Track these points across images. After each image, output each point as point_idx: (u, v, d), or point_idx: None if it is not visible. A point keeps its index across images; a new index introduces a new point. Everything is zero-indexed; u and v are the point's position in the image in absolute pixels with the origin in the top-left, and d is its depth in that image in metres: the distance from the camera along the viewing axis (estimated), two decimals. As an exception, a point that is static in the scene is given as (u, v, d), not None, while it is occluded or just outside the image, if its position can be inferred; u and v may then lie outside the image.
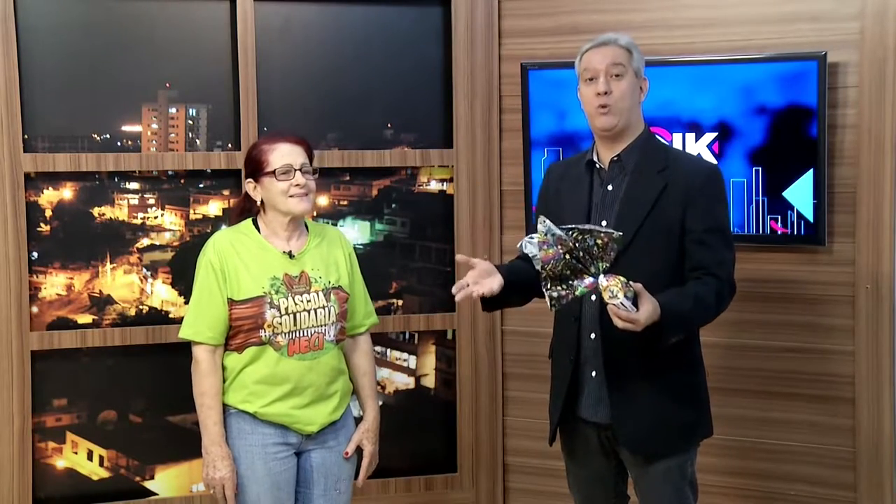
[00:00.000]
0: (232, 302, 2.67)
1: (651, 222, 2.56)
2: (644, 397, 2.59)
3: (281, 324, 2.66)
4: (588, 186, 2.68)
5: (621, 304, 2.36)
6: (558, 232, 2.39)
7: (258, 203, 2.74)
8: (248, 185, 2.74)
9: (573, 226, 2.41)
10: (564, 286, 2.41)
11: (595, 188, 2.67)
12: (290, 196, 2.69)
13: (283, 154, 2.70)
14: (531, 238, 2.42)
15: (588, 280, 2.40)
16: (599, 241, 2.38)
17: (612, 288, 2.37)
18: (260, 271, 2.69)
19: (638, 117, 2.66)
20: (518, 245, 2.46)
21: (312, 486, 2.79)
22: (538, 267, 2.42)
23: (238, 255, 2.70)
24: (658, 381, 2.59)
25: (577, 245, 2.39)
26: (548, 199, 2.79)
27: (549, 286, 2.41)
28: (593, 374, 2.64)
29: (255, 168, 2.72)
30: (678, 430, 2.63)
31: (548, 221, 2.41)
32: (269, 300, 2.66)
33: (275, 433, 2.70)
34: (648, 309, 2.40)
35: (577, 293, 2.42)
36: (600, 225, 2.60)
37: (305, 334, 2.70)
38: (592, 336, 2.62)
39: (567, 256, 2.39)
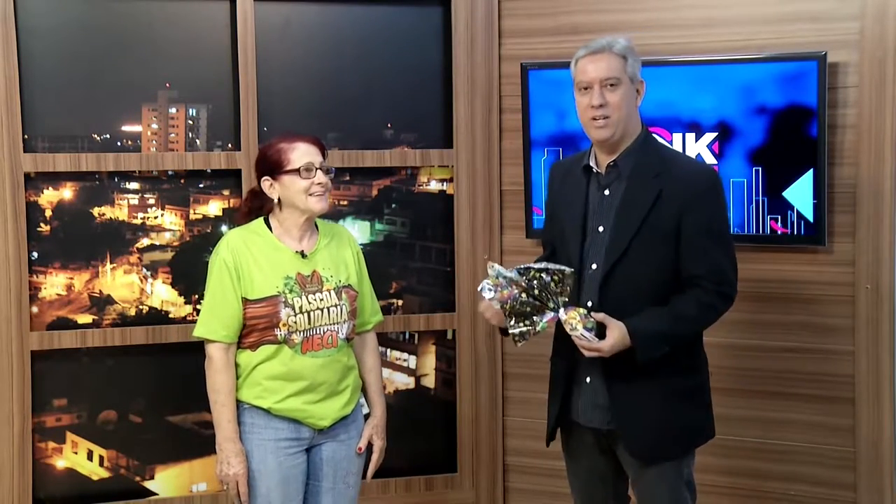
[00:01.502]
0: (246, 301, 2.68)
1: (647, 228, 2.55)
2: (646, 403, 2.59)
3: (296, 322, 2.68)
4: (585, 190, 2.68)
5: (581, 335, 2.50)
6: (508, 274, 2.52)
7: (275, 201, 2.74)
8: (265, 183, 2.73)
9: (527, 265, 2.53)
10: (527, 322, 2.54)
11: (592, 192, 2.67)
12: (311, 194, 2.70)
13: (304, 153, 2.71)
14: (484, 283, 2.55)
15: (549, 315, 2.54)
16: (555, 278, 2.51)
17: (571, 321, 2.51)
18: (273, 271, 2.70)
19: (635, 122, 2.64)
20: (478, 289, 2.59)
21: (321, 478, 2.80)
22: (497, 307, 2.55)
23: (251, 254, 2.71)
24: (659, 386, 2.59)
25: (532, 283, 2.51)
26: (552, 198, 2.81)
27: (512, 323, 2.54)
28: (587, 379, 2.65)
29: (274, 166, 2.72)
30: (681, 434, 2.63)
31: (496, 265, 2.55)
32: (283, 299, 2.67)
33: (287, 428, 2.71)
34: (615, 336, 2.50)
35: (538, 328, 2.55)
36: (597, 231, 2.63)
37: (319, 332, 2.72)
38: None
39: (524, 295, 2.52)
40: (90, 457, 3.57)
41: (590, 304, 2.60)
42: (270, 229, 2.76)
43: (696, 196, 2.56)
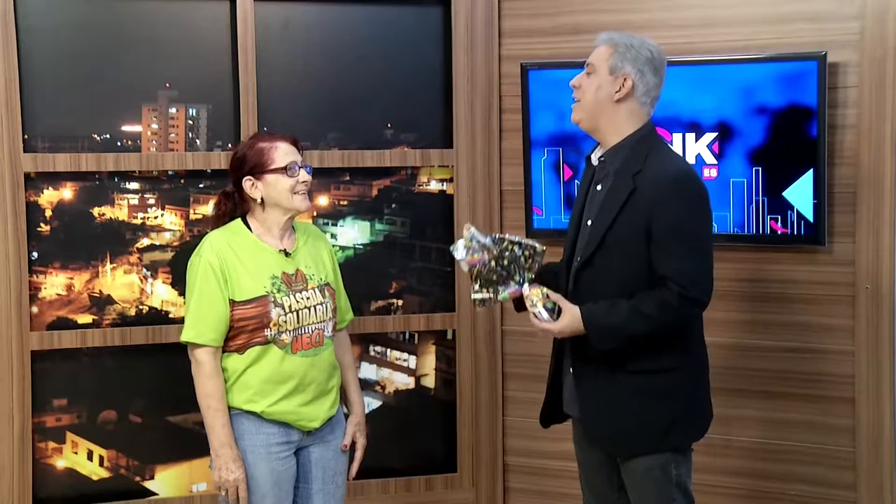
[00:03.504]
0: (233, 303, 2.67)
1: (619, 225, 2.57)
2: (609, 395, 2.62)
3: (286, 322, 2.67)
4: (587, 184, 2.74)
5: (539, 313, 2.55)
6: (483, 240, 2.57)
7: (257, 201, 2.74)
8: (247, 183, 2.73)
9: (502, 235, 2.59)
10: (490, 290, 2.60)
11: (591, 187, 2.72)
12: (296, 193, 2.71)
13: (286, 152, 2.73)
14: (458, 243, 2.60)
15: (513, 287, 2.60)
16: (526, 253, 2.58)
17: (533, 297, 2.56)
18: (259, 271, 2.70)
19: (620, 118, 2.63)
20: (450, 249, 2.63)
21: (311, 480, 2.80)
22: (465, 269, 2.60)
23: (236, 255, 2.69)
24: (627, 380, 2.60)
25: (503, 254, 2.57)
26: None
27: (476, 288, 2.60)
28: (571, 370, 2.70)
29: (257, 165, 2.71)
30: (646, 430, 2.61)
31: (472, 228, 2.59)
32: (272, 299, 2.67)
33: (278, 432, 2.71)
34: (566, 320, 2.55)
35: (500, 297, 2.60)
36: (586, 224, 2.67)
37: (307, 331, 2.72)
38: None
39: (493, 263, 2.57)
40: (90, 457, 3.57)
41: (570, 294, 2.64)
42: (249, 229, 2.76)
43: (661, 197, 2.54)
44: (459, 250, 2.59)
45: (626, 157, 2.62)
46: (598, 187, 2.67)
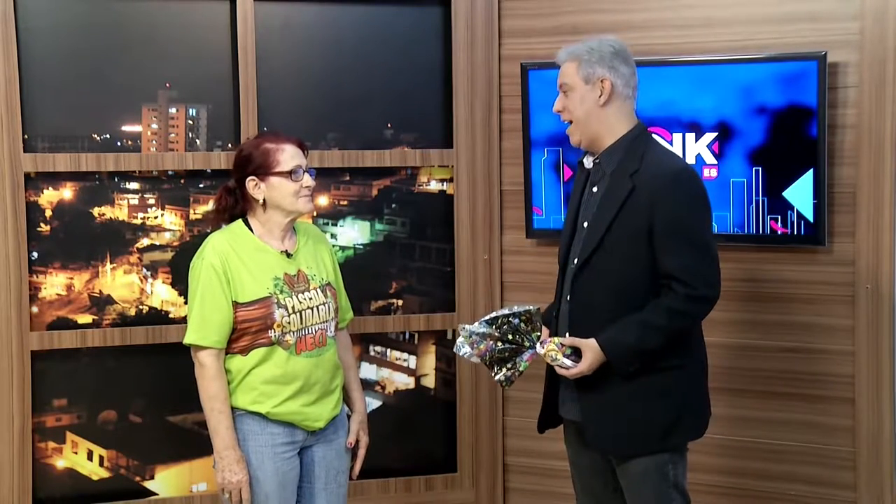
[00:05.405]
0: (236, 304, 2.66)
1: (618, 226, 2.57)
2: (611, 397, 2.61)
3: (290, 323, 2.67)
4: (581, 187, 2.74)
5: (562, 364, 2.58)
6: (480, 329, 2.64)
7: (259, 202, 2.73)
8: (250, 183, 2.72)
9: (494, 315, 2.64)
10: (508, 366, 2.66)
11: (586, 189, 2.72)
12: (300, 196, 2.71)
13: (292, 155, 2.71)
14: (459, 342, 2.66)
15: (527, 354, 2.65)
16: (524, 318, 2.63)
17: (551, 353, 2.60)
18: (261, 272, 2.69)
19: (611, 120, 2.64)
20: (454, 350, 2.69)
21: (314, 480, 2.81)
22: (476, 361, 2.66)
23: (238, 256, 2.69)
24: (627, 381, 2.59)
25: (504, 329, 2.63)
26: None
27: (495, 371, 2.66)
28: None
29: (261, 167, 2.70)
30: (647, 431, 2.61)
31: (466, 326, 2.67)
32: (275, 300, 2.67)
33: (283, 432, 2.71)
34: (589, 357, 2.57)
35: (521, 369, 2.67)
36: (582, 227, 2.67)
37: (311, 332, 2.72)
38: (567, 335, 2.65)
39: (499, 344, 2.63)
40: (90, 457, 3.58)
41: (568, 297, 2.65)
42: (250, 230, 2.76)
43: (660, 195, 2.54)
44: (464, 350, 2.65)
45: (621, 157, 2.62)
46: (594, 189, 2.67)
